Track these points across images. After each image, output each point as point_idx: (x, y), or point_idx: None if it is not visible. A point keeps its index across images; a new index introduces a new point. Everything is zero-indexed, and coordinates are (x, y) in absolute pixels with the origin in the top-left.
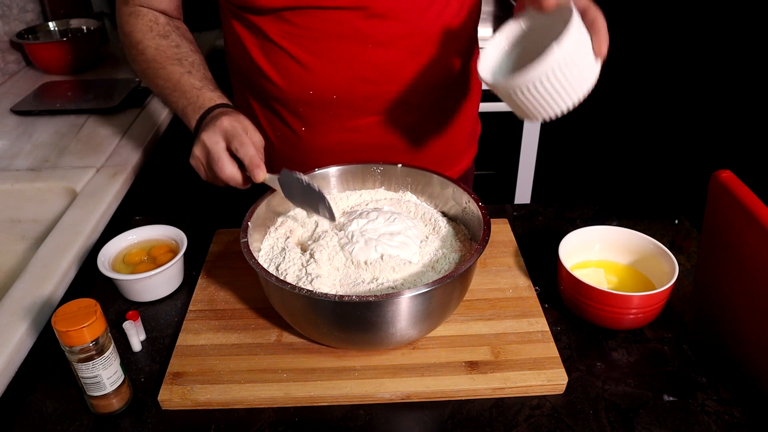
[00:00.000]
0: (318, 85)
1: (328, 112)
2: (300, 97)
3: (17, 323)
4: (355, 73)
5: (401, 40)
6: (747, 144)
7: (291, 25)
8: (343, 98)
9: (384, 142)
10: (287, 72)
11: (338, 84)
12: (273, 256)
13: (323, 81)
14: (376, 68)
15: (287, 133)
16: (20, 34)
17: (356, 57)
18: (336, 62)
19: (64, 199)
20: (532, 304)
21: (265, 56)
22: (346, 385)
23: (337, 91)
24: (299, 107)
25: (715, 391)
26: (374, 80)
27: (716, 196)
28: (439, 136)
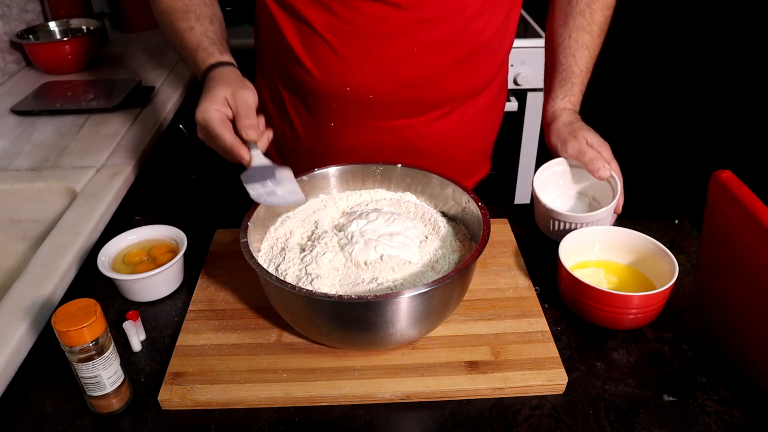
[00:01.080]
0: (356, 83)
1: (362, 110)
2: (335, 92)
3: (17, 323)
4: (396, 75)
5: (447, 47)
6: (747, 144)
7: (337, 17)
8: (379, 99)
9: (411, 145)
10: (326, 65)
11: (377, 84)
12: (273, 256)
13: (362, 79)
14: (418, 73)
15: (315, 126)
16: (20, 34)
17: (399, 59)
18: (378, 62)
19: (64, 199)
20: (532, 304)
21: (304, 45)
22: (346, 385)
23: (375, 91)
24: (333, 102)
25: (715, 391)
26: (414, 85)
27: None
28: (465, 144)
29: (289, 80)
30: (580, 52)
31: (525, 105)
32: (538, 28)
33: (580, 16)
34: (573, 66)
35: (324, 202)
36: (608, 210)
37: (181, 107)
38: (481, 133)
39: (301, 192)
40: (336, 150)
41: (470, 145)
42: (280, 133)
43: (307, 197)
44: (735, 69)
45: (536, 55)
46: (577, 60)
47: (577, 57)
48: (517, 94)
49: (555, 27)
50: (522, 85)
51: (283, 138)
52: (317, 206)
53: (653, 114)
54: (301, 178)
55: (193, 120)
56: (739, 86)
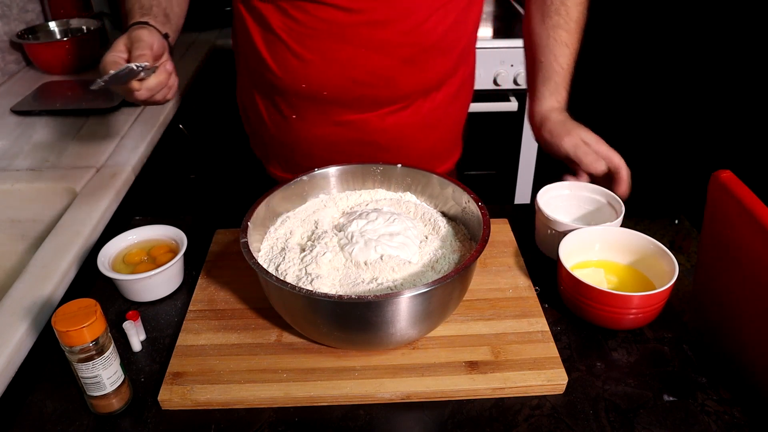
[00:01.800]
0: (310, 80)
1: (319, 106)
2: (294, 89)
3: (17, 323)
4: (348, 74)
5: (395, 48)
6: (747, 144)
7: (294, 20)
8: (333, 95)
9: (369, 138)
10: (285, 64)
11: (330, 82)
12: (273, 256)
13: (316, 77)
14: (369, 72)
15: (280, 120)
16: (20, 34)
17: (350, 59)
18: (330, 61)
19: (64, 199)
20: (532, 304)
21: (267, 47)
22: (346, 385)
23: (329, 88)
24: (292, 98)
25: (715, 391)
26: (366, 83)
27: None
28: (425, 137)
29: (258, 78)
30: (561, 50)
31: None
32: None
33: (556, 14)
34: (555, 65)
35: (324, 202)
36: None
37: (181, 107)
38: (441, 127)
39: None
40: (300, 142)
41: (431, 137)
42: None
43: (307, 197)
44: (735, 69)
45: None
46: (558, 58)
47: (557, 55)
48: (517, 94)
49: (532, 26)
50: (522, 85)
51: (258, 130)
52: (317, 206)
53: (653, 114)
54: (302, 178)
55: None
56: (739, 86)
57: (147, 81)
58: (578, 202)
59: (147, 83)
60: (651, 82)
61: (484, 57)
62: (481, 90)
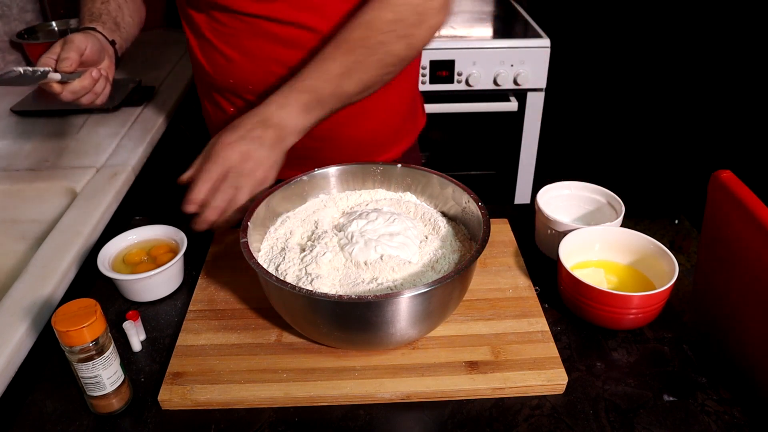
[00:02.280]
0: (236, 76)
1: (247, 99)
2: (224, 85)
3: (17, 323)
4: (267, 68)
5: (308, 43)
6: (747, 144)
7: (217, 22)
8: (257, 90)
9: None
10: (214, 62)
11: (253, 77)
12: (273, 256)
13: (240, 73)
14: (285, 65)
15: (221, 115)
16: (20, 34)
17: (267, 54)
18: (252, 58)
19: (64, 199)
20: (532, 304)
21: (200, 49)
22: (346, 385)
23: (253, 83)
24: (225, 93)
25: (715, 391)
26: (285, 77)
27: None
28: (357, 127)
29: (199, 78)
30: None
31: (525, 105)
32: (538, 28)
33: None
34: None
35: (324, 202)
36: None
37: (181, 107)
38: (374, 116)
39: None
40: None
41: (364, 126)
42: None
43: (307, 197)
44: (735, 69)
45: (536, 55)
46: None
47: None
48: (517, 94)
49: None
50: (522, 85)
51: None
52: (317, 206)
53: (653, 114)
54: (301, 178)
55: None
56: (739, 86)
57: (71, 84)
58: (578, 202)
59: (71, 86)
60: (651, 82)
61: (484, 57)
62: (481, 90)
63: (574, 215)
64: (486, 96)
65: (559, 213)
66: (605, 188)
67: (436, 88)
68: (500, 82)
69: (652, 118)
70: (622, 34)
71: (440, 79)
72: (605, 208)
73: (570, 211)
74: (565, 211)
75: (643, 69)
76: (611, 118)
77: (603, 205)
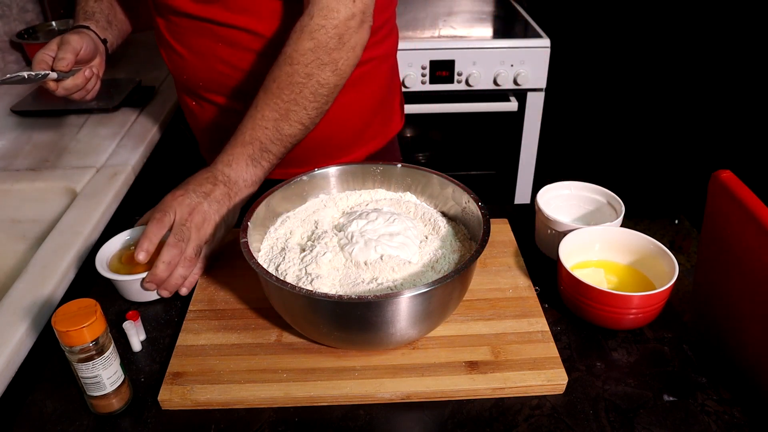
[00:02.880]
0: (188, 72)
1: (205, 95)
2: (181, 80)
3: (17, 323)
4: (213, 66)
5: (249, 43)
6: (747, 144)
7: (171, 22)
8: (209, 86)
9: None
10: (171, 58)
11: (201, 74)
12: (273, 256)
13: (191, 69)
14: (234, 65)
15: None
16: (20, 34)
17: (213, 53)
18: (200, 56)
19: (64, 199)
20: (532, 304)
21: (163, 49)
22: (346, 385)
23: (203, 80)
24: (184, 88)
25: (715, 391)
26: (233, 76)
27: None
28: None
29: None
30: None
31: (525, 105)
32: (538, 28)
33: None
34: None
35: (324, 202)
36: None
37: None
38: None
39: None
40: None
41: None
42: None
43: (307, 197)
44: (734, 69)
45: (536, 55)
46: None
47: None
48: (517, 94)
49: None
50: (522, 85)
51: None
52: (317, 206)
53: (653, 114)
54: (301, 178)
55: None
56: (739, 86)
57: (64, 82)
58: (578, 202)
59: (64, 84)
60: (651, 82)
61: (484, 57)
62: (481, 90)
63: (574, 215)
64: (486, 96)
65: (559, 213)
66: (605, 188)
67: (436, 88)
68: (500, 82)
69: (651, 118)
70: (622, 34)
71: (440, 79)
72: (605, 208)
73: (570, 211)
74: (565, 211)
75: (643, 69)
76: (611, 118)
77: (603, 205)
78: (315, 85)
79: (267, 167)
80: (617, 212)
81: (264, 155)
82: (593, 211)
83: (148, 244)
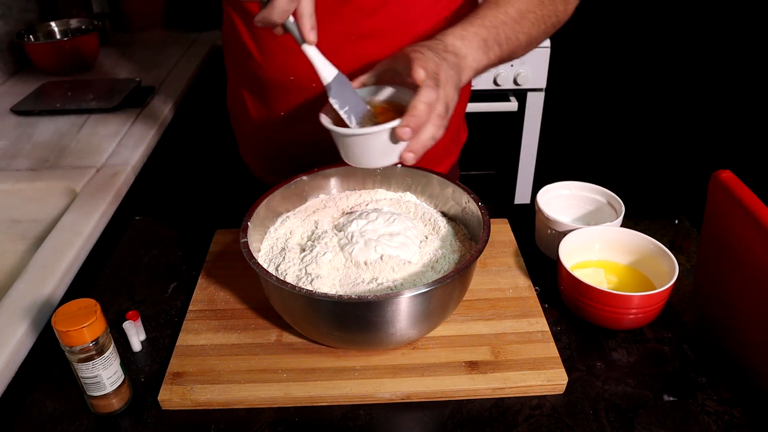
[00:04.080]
0: (299, 72)
1: (305, 99)
2: (281, 82)
3: (17, 323)
4: (337, 64)
5: (385, 36)
6: (747, 144)
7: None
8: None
9: None
10: (271, 55)
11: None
12: (273, 256)
13: (304, 68)
14: (358, 62)
15: (269, 116)
16: (20, 34)
17: (339, 48)
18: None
19: (64, 199)
20: (532, 304)
21: (253, 38)
22: (346, 385)
23: (317, 80)
24: (280, 92)
25: (715, 391)
26: (355, 74)
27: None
28: None
29: (246, 73)
30: (487, 6)
31: (525, 105)
32: None
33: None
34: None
35: (324, 202)
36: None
37: (181, 107)
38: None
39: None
40: (290, 138)
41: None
42: (244, 129)
43: (307, 197)
44: (734, 69)
45: (536, 55)
46: (480, 8)
47: (481, 6)
48: (517, 94)
49: None
50: (522, 85)
51: (247, 133)
52: (317, 206)
53: (653, 114)
54: (301, 178)
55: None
56: (739, 86)
57: None
58: (578, 202)
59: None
60: (651, 82)
61: None
62: (481, 90)
63: (574, 215)
64: (486, 96)
65: (559, 213)
66: (605, 188)
67: None
68: (500, 82)
69: (651, 118)
70: (622, 34)
71: None
72: (605, 208)
73: (570, 211)
74: (565, 211)
75: (643, 69)
76: (611, 118)
77: (603, 205)
78: (552, 12)
79: (489, 62)
80: (617, 212)
81: (494, 47)
82: (593, 211)
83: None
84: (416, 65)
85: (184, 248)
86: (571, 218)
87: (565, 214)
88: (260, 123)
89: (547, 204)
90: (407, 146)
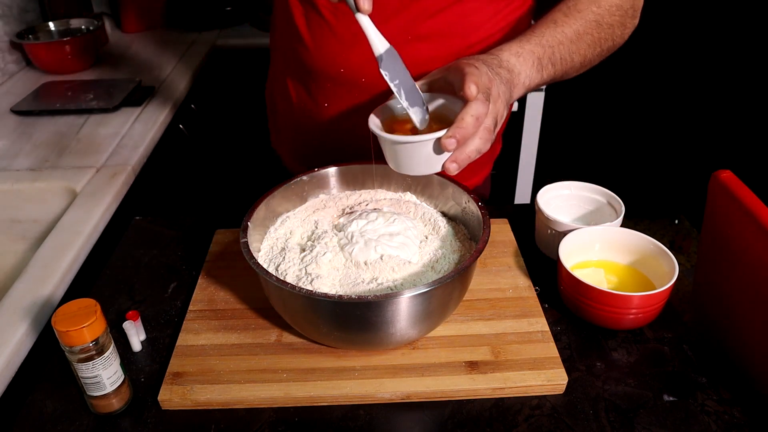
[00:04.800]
0: (350, 65)
1: (354, 93)
2: (330, 73)
3: (17, 323)
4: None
5: (443, 38)
6: (747, 144)
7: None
8: (371, 83)
9: None
10: (324, 44)
11: (370, 68)
12: (273, 256)
13: (356, 61)
14: (412, 62)
15: (311, 106)
16: (20, 34)
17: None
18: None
19: (64, 199)
20: (532, 304)
21: (308, 25)
22: (346, 385)
23: (367, 75)
24: (327, 83)
25: (715, 391)
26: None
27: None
28: None
29: (293, 60)
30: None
31: (525, 105)
32: None
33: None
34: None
35: (324, 201)
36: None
37: (181, 107)
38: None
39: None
40: (330, 132)
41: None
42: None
43: (307, 197)
44: (735, 69)
45: None
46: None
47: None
48: None
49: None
50: None
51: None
52: (317, 206)
53: (653, 114)
54: (301, 178)
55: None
56: (739, 86)
57: None
58: (578, 202)
59: None
60: (651, 82)
61: None
62: None
63: (574, 215)
64: None
65: (559, 213)
66: (605, 188)
67: None
68: None
69: (651, 118)
70: None
71: None
72: (605, 208)
73: (570, 211)
74: (565, 211)
75: (643, 69)
76: (611, 119)
77: (603, 205)
78: (609, 36)
79: (541, 80)
80: (617, 212)
81: (548, 66)
82: (593, 211)
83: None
84: (469, 80)
85: (184, 248)
86: (571, 218)
87: (565, 214)
88: (300, 112)
89: (547, 204)
90: (451, 156)
